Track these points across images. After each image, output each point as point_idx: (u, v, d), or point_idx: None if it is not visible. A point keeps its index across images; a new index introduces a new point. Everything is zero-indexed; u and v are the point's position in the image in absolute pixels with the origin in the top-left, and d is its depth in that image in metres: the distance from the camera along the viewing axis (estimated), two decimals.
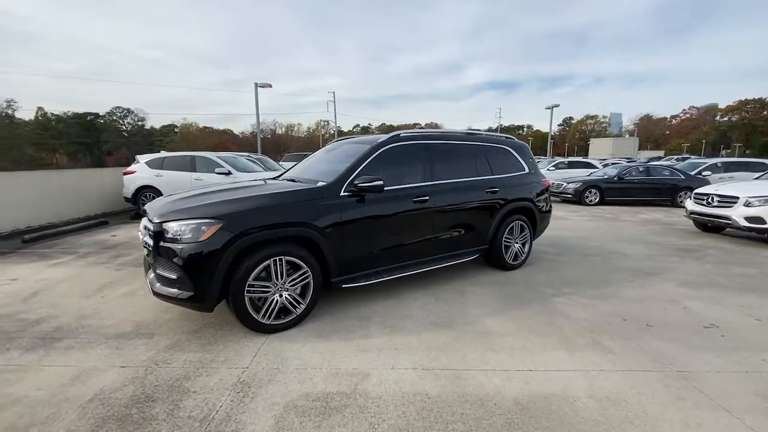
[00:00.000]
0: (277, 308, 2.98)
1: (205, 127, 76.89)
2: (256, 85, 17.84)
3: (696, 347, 2.84)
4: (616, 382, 2.39)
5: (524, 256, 4.85)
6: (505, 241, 4.58)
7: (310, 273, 3.09)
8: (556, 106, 25.45)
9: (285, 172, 4.63)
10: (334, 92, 52.87)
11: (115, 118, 71.75)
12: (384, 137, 3.87)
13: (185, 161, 8.93)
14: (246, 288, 2.81)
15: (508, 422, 2.02)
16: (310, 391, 2.28)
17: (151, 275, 2.95)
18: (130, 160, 9.59)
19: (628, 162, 19.66)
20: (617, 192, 11.96)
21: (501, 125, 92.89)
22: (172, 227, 2.76)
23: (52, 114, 61.53)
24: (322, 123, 69.55)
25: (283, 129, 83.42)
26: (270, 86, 18.06)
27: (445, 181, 4.03)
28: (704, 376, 2.48)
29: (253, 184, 3.80)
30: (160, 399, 2.20)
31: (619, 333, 3.06)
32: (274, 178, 4.33)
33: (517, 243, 4.75)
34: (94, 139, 67.53)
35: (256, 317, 2.89)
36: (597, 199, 11.97)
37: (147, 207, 3.31)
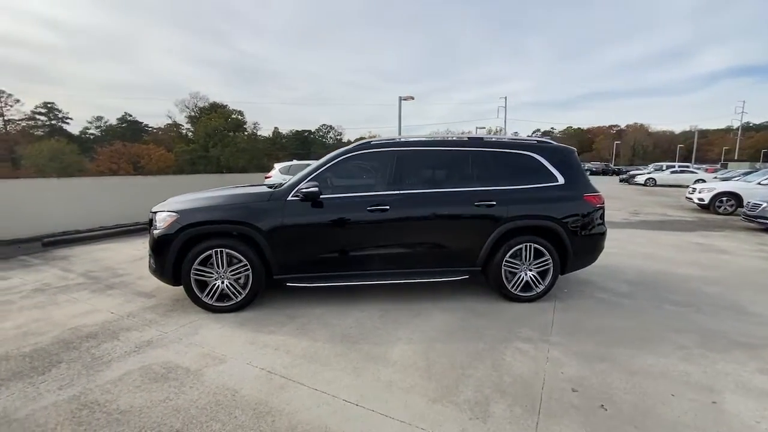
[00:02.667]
0: (218, 292, 3.53)
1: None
2: (400, 99, 19.23)
3: None
4: None
5: (542, 287, 3.91)
6: (506, 265, 3.84)
7: (249, 267, 3.51)
8: None
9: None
10: (505, 98, 50.95)
11: (321, 133, 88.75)
12: (352, 145, 3.92)
13: (303, 168, 10.76)
14: (192, 270, 3.46)
15: None
16: (171, 361, 2.71)
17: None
18: None
19: None
20: None
21: (746, 123, 69.23)
22: (155, 217, 3.66)
23: (280, 132, 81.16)
24: (495, 129, 68.00)
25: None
26: (413, 98, 19.14)
27: (413, 191, 3.74)
28: None
29: (232, 187, 4.36)
30: (98, 338, 3.05)
31: (535, 403, 2.28)
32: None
33: (529, 271, 3.89)
34: (306, 150, 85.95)
35: (200, 296, 3.51)
36: None
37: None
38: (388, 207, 3.65)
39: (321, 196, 3.60)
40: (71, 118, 60.12)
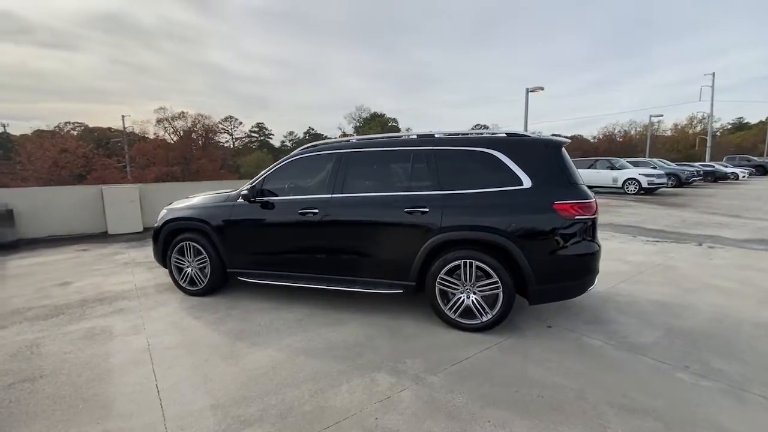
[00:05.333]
0: (189, 278, 4.21)
1: (553, 135, 78.42)
2: (527, 90, 17.30)
3: None
4: None
5: (490, 316, 3.15)
6: (441, 284, 3.26)
7: (207, 258, 4.07)
8: None
9: None
10: (713, 74, 40.05)
11: (472, 134, 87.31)
12: (298, 149, 4.00)
13: None
14: (173, 257, 4.25)
15: (63, 405, 2.40)
16: (112, 326, 3.46)
17: None
18: None
19: None
20: None
21: None
22: (159, 213, 4.60)
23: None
24: (699, 116, 52.62)
25: (638, 129, 69.99)
26: (542, 89, 16.98)
27: (341, 195, 3.58)
28: None
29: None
30: (102, 302, 4.11)
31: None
32: None
33: (473, 294, 3.20)
34: None
35: (178, 280, 4.27)
36: None
37: None
38: (317, 210, 3.62)
39: (266, 199, 3.85)
40: (273, 134, 76.83)
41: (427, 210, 3.27)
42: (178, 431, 2.07)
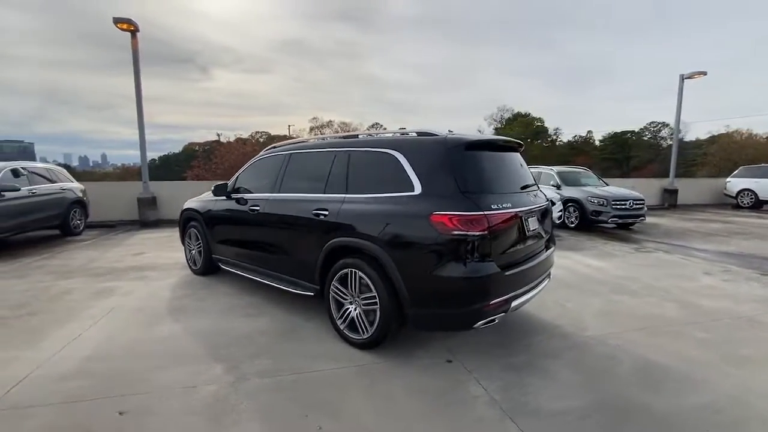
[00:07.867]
0: (193, 259, 5.04)
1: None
2: (682, 77, 13.54)
3: None
4: None
5: (368, 334, 2.86)
6: (335, 293, 3.11)
7: (201, 244, 4.81)
8: None
9: None
10: None
11: (647, 133, 71.96)
12: (263, 150, 4.31)
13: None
14: (185, 240, 5.16)
15: None
16: (118, 287, 4.47)
17: None
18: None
19: None
20: None
21: None
22: None
23: (587, 136, 72.44)
24: None
25: None
26: (704, 74, 13.05)
27: (278, 194, 3.78)
28: None
29: None
30: (138, 270, 5.30)
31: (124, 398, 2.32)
32: None
33: (359, 307, 2.95)
34: (624, 154, 71.91)
35: (187, 260, 5.16)
36: None
37: None
38: (259, 208, 3.89)
39: (239, 196, 4.32)
40: None
41: (327, 213, 3.16)
42: (46, 367, 2.64)
